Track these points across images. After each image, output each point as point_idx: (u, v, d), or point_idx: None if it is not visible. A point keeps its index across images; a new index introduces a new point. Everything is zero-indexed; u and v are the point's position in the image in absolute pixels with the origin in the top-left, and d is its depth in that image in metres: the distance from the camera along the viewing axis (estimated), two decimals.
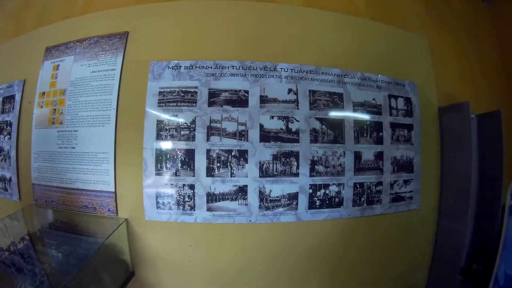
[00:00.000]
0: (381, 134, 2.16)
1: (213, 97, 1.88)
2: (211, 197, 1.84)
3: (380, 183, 2.14)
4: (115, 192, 1.88)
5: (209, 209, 1.84)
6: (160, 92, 1.88)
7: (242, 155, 1.88)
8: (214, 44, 1.96)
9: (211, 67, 1.90)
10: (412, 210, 2.25)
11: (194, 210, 1.83)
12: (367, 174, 2.11)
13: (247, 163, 1.87)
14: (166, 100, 1.87)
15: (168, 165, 1.83)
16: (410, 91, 2.38)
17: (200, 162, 1.84)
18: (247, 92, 1.91)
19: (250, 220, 1.89)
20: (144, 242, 1.89)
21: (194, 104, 1.85)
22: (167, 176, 1.85)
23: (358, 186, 2.09)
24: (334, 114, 2.06)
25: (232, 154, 1.87)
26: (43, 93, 2.11)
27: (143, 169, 1.84)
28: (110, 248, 1.74)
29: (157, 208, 1.86)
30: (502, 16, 3.28)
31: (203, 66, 1.89)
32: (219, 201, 1.84)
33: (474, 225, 2.47)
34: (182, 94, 1.86)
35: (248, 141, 1.88)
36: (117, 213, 1.88)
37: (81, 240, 1.80)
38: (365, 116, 2.13)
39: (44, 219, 1.99)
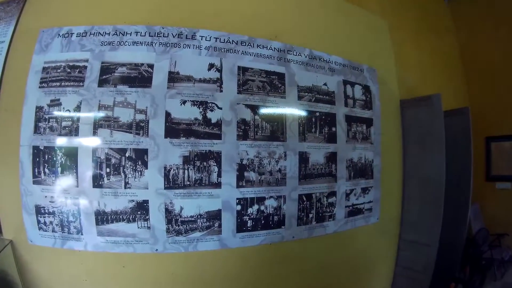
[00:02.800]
0: (334, 129, 1.85)
1: (106, 73, 1.50)
2: (101, 217, 1.45)
3: (333, 194, 1.84)
4: None
5: (100, 234, 1.46)
6: (44, 68, 1.53)
7: (140, 157, 1.46)
8: (116, 4, 1.62)
9: (109, 34, 1.53)
10: (371, 225, 2.03)
11: (82, 234, 1.47)
12: (317, 183, 1.78)
13: (147, 168, 1.46)
14: (49, 78, 1.52)
15: (47, 170, 1.46)
16: (369, 78, 2.05)
17: (85, 166, 1.45)
18: (151, 66, 1.52)
19: (157, 249, 1.50)
20: (33, 271, 1.56)
21: (81, 84, 1.48)
22: (46, 186, 1.48)
23: (304, 199, 1.74)
24: (272, 100, 1.69)
25: (127, 155, 1.46)
26: None
27: (19, 174, 1.50)
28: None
29: (39, 229, 1.50)
30: (461, 15, 3.32)
31: (99, 33, 1.53)
32: (112, 222, 1.46)
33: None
34: (69, 70, 1.51)
35: (148, 136, 1.47)
36: (1, 232, 1.53)
37: None
38: (313, 105, 1.80)
39: None
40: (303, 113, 1.76)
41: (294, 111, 1.73)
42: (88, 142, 1.45)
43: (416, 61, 2.49)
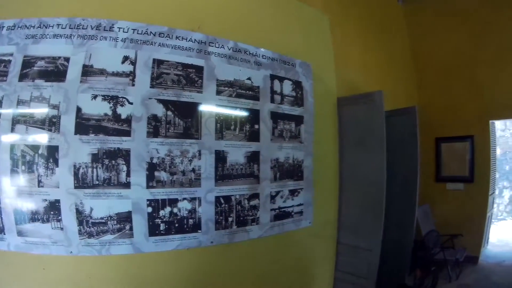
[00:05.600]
0: (257, 127, 1.76)
1: (27, 67, 1.46)
2: (19, 216, 1.42)
3: (255, 196, 1.75)
4: None
5: (20, 233, 1.42)
6: None
7: (52, 154, 1.42)
8: None
9: (34, 26, 1.49)
10: (303, 228, 1.94)
11: (4, 234, 1.42)
12: (236, 184, 1.69)
13: (57, 166, 1.42)
14: None
15: None
16: (302, 74, 1.97)
17: (3, 163, 1.41)
18: (67, 60, 1.48)
19: (71, 252, 1.45)
20: None
21: (5, 79, 1.44)
22: None
23: (222, 201, 1.66)
24: (187, 95, 1.61)
25: (40, 152, 1.42)
26: None
27: None
28: None
29: None
30: (414, 16, 3.33)
31: (25, 26, 1.49)
32: (29, 222, 1.42)
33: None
34: None
35: (59, 132, 1.42)
36: None
37: None
38: (234, 101, 1.71)
39: None
40: (221, 109, 1.67)
41: (211, 107, 1.64)
42: (7, 138, 1.41)
43: (360, 59, 2.44)
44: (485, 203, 3.21)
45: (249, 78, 1.75)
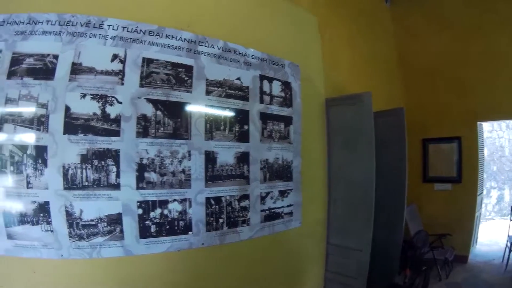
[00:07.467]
0: (246, 127, 1.76)
1: (15, 65, 1.41)
2: (8, 219, 1.37)
3: (246, 197, 1.74)
4: None
5: (9, 236, 1.38)
6: None
7: (40, 155, 1.38)
8: None
9: (23, 23, 1.44)
10: (293, 229, 1.93)
11: None
12: (226, 185, 1.68)
13: (46, 167, 1.38)
14: None
15: None
16: (291, 74, 1.97)
17: None
18: (56, 57, 1.44)
19: (62, 255, 1.41)
20: None
21: None
22: None
23: (213, 202, 1.64)
24: (176, 95, 1.59)
25: (28, 152, 1.38)
26: None
27: None
28: None
29: None
30: (403, 18, 3.38)
31: (14, 21, 1.44)
32: (18, 224, 1.38)
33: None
34: None
35: (48, 132, 1.38)
36: None
37: None
38: (223, 101, 1.70)
39: None
40: (211, 109, 1.66)
41: (201, 107, 1.63)
42: None
43: (348, 59, 2.45)
44: (473, 203, 3.26)
45: (238, 78, 1.74)
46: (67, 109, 1.39)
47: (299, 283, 2.03)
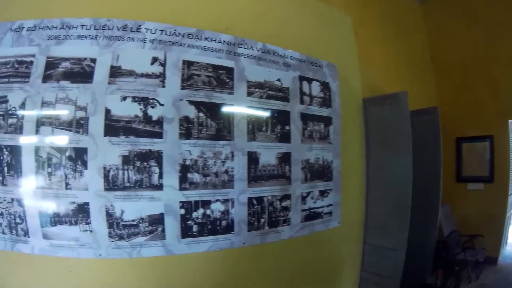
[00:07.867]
0: (287, 128, 1.75)
1: (50, 68, 1.43)
2: (46, 219, 1.39)
3: (287, 197, 1.74)
4: None
5: (45, 236, 1.40)
6: None
7: (80, 156, 1.39)
8: None
9: (56, 27, 1.46)
10: (332, 229, 1.92)
11: (29, 237, 1.40)
12: (268, 185, 1.68)
13: (86, 168, 1.39)
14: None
15: None
16: (329, 75, 1.95)
17: (28, 165, 1.39)
18: (94, 61, 1.45)
19: (100, 254, 1.42)
20: None
21: (27, 80, 1.41)
22: None
23: (255, 202, 1.64)
24: (218, 96, 1.59)
25: (67, 154, 1.39)
26: None
27: None
28: None
29: None
30: (432, 15, 3.29)
31: (47, 26, 1.46)
32: (55, 224, 1.40)
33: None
34: (17, 66, 1.43)
35: (88, 134, 1.39)
36: None
37: None
38: (265, 102, 1.70)
39: None
40: (252, 110, 1.66)
41: (242, 108, 1.63)
42: (31, 140, 1.39)
43: (381, 59, 2.43)
44: (505, 203, 3.17)
45: (278, 80, 1.73)
46: (107, 111, 1.41)
47: (337, 283, 2.03)
